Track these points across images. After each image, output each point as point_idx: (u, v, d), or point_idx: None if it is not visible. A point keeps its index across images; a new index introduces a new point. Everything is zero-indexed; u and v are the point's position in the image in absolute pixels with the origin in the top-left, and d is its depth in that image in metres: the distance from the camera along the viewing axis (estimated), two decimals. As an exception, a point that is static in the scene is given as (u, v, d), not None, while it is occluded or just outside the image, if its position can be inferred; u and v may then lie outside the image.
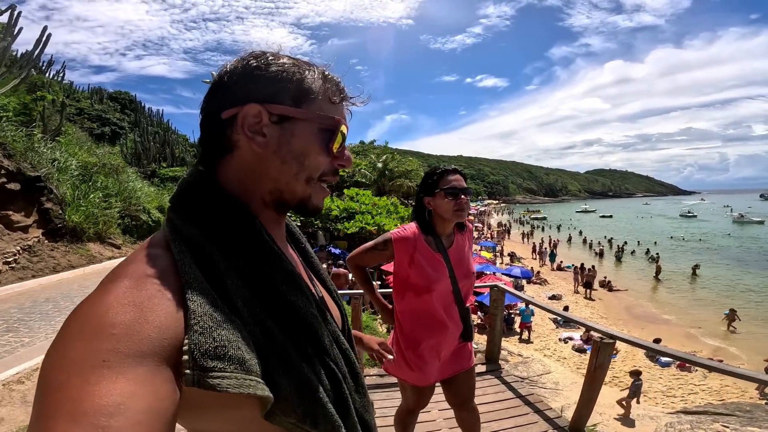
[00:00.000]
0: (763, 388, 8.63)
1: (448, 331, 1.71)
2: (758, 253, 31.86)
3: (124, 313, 0.39)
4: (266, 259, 0.54)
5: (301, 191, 0.58)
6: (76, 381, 0.34)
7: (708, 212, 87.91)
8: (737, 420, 6.23)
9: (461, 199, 1.63)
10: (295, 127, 0.55)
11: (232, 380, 0.41)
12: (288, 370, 0.50)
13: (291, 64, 0.56)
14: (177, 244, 0.49)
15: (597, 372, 2.61)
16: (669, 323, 15.00)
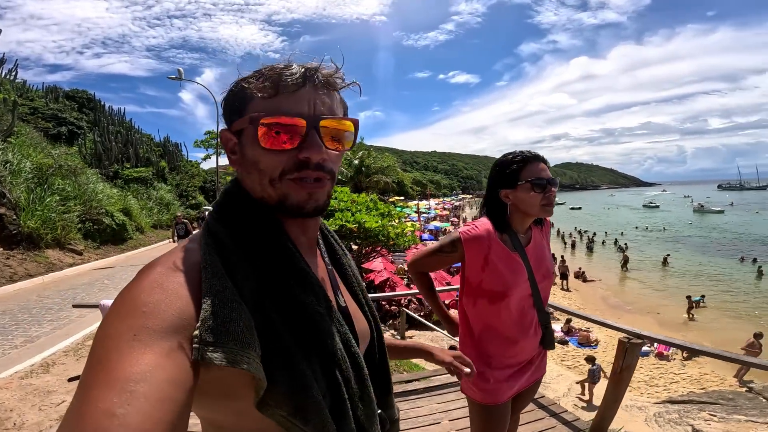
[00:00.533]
0: (742, 375, 8.93)
1: (527, 340, 1.49)
2: (720, 242, 33.59)
3: (153, 294, 0.45)
4: (279, 256, 0.57)
5: (273, 194, 0.58)
6: (113, 354, 0.39)
7: (669, 203, 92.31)
8: (722, 408, 6.35)
9: (551, 192, 1.40)
10: (244, 137, 0.58)
11: (229, 355, 0.44)
12: (284, 363, 0.51)
13: (237, 81, 0.58)
14: (205, 238, 0.55)
15: (624, 374, 2.45)
16: (642, 312, 15.46)
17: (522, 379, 1.54)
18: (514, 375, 1.51)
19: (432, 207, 51.36)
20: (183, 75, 13.72)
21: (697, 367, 9.83)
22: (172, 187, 26.35)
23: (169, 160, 28.87)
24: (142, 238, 17.02)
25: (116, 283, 9.34)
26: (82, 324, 6.17)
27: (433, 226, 33.96)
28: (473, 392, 1.51)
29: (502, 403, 1.49)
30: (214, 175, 32.03)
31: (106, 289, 8.72)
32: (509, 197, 1.43)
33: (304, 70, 0.56)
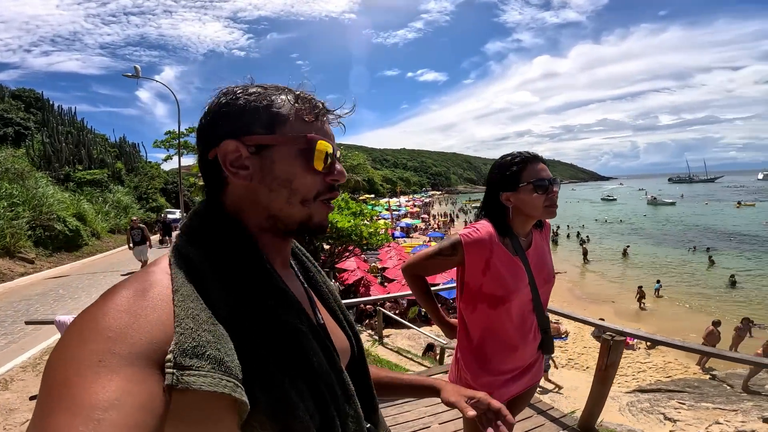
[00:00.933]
0: (704, 363, 9.47)
1: (526, 345, 1.45)
2: (673, 233, 35.70)
3: (119, 318, 0.42)
4: (257, 276, 0.55)
5: (298, 214, 0.58)
6: (75, 379, 0.37)
7: (626, 196, 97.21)
8: (689, 396, 6.71)
9: (554, 193, 1.36)
10: (273, 153, 0.57)
11: (208, 378, 0.42)
12: (267, 385, 0.50)
13: (258, 93, 0.58)
14: (175, 261, 0.52)
15: (609, 370, 2.48)
16: (607, 302, 16.16)
17: (518, 384, 1.50)
18: (511, 380, 1.47)
19: (402, 204, 51.67)
20: (140, 73, 12.98)
21: (661, 356, 10.35)
22: (130, 189, 25.01)
23: (126, 161, 27.39)
24: (98, 244, 16.06)
25: (72, 293, 8.73)
26: (39, 337, 5.76)
27: (405, 223, 34.17)
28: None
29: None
30: (176, 177, 30.76)
31: (61, 300, 8.14)
32: (510, 200, 1.39)
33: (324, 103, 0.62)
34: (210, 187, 0.61)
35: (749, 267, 21.26)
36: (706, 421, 5.33)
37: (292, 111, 0.58)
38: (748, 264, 22.12)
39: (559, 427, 2.61)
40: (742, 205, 57.37)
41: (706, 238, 30.85)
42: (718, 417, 5.37)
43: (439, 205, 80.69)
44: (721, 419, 5.19)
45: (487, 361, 1.44)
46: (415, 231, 33.90)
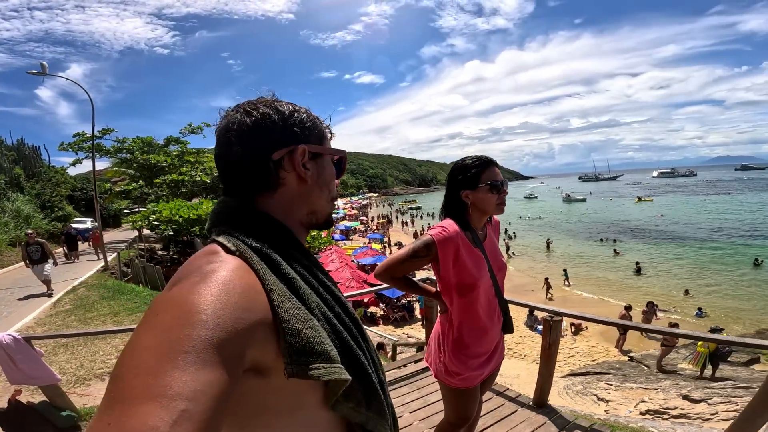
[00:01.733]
0: (621, 346, 10.70)
1: (493, 327, 1.67)
2: (585, 227, 39.68)
3: (214, 303, 0.44)
4: (316, 267, 0.66)
5: (329, 210, 0.73)
6: (166, 366, 0.37)
7: (545, 193, 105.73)
8: (614, 377, 7.58)
9: (504, 193, 1.59)
10: (324, 161, 0.70)
11: (322, 370, 0.50)
12: (351, 360, 0.59)
13: (303, 110, 0.69)
14: (249, 254, 0.55)
15: (552, 349, 2.81)
16: (529, 292, 17.49)
17: (490, 365, 1.73)
18: (485, 361, 1.69)
19: (340, 207, 51.46)
20: (47, 70, 11.54)
21: (585, 341, 11.52)
22: (31, 197, 22.08)
23: (26, 166, 24.15)
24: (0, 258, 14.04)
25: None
26: None
27: (343, 225, 34.10)
28: (451, 380, 1.66)
29: (474, 386, 1.68)
30: (86, 182, 27.65)
31: (-42, 327, 7.00)
32: (469, 197, 1.60)
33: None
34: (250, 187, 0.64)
35: (650, 256, 24.28)
36: (633, 400, 6.03)
37: (324, 130, 0.73)
38: (649, 253, 25.25)
39: (517, 405, 2.89)
40: (642, 200, 65.01)
41: (613, 231, 34.70)
42: (642, 396, 6.12)
43: (377, 206, 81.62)
44: (645, 398, 5.91)
45: (465, 347, 1.63)
46: (354, 233, 34.00)
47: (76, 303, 8.09)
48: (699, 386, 5.99)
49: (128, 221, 18.01)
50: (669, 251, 25.57)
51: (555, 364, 2.91)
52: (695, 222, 38.05)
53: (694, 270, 20.61)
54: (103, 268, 12.37)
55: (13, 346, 2.80)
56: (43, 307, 7.93)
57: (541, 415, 2.73)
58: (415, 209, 65.15)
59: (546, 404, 2.87)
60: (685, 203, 58.63)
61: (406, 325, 13.13)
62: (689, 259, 23.06)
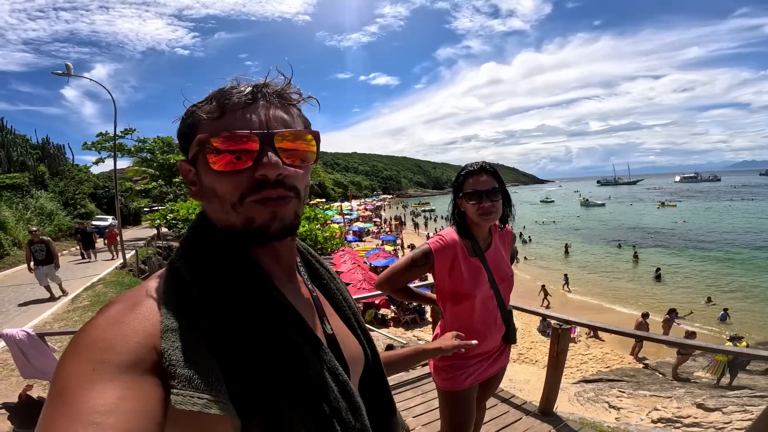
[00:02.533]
0: (636, 353, 10.44)
1: (491, 336, 1.64)
2: (601, 231, 38.86)
3: (109, 330, 0.44)
4: (248, 287, 0.54)
5: (237, 220, 0.54)
6: (74, 388, 0.39)
7: (562, 197, 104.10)
8: (628, 384, 7.40)
9: (484, 204, 1.51)
10: (198, 164, 0.56)
11: (179, 396, 0.42)
12: (260, 401, 0.49)
13: (194, 104, 0.56)
14: (166, 273, 0.54)
15: (560, 357, 2.75)
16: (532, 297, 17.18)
17: (485, 368, 1.70)
18: (479, 364, 1.67)
19: (354, 208, 51.66)
20: (72, 70, 11.90)
21: (599, 347, 11.27)
22: (55, 194, 22.83)
23: (51, 164, 24.92)
24: (21, 254, 14.51)
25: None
26: None
27: (357, 227, 34.20)
28: (442, 381, 1.66)
29: (466, 388, 1.64)
30: (108, 181, 28.45)
31: (-13, 316, 7.31)
32: (462, 205, 1.59)
33: (253, 86, 0.54)
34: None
35: (671, 262, 23.62)
36: (645, 408, 5.87)
37: (199, 115, 0.54)
38: (670, 259, 24.58)
39: (522, 413, 2.84)
40: (665, 205, 63.30)
41: (633, 237, 33.88)
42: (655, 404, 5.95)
43: (390, 208, 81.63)
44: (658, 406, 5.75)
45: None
46: (367, 235, 34.06)
47: (94, 299, 8.31)
48: (714, 395, 5.80)
49: (147, 219, 18.47)
50: (690, 258, 24.85)
51: (563, 372, 2.85)
52: (718, 228, 36.90)
53: (716, 277, 19.97)
54: (121, 265, 12.69)
55: (26, 341, 2.89)
56: (61, 302, 8.17)
57: (546, 424, 2.68)
58: (428, 211, 64.92)
59: (552, 412, 2.82)
60: (709, 209, 56.87)
61: (417, 328, 13.06)
62: (711, 266, 22.37)
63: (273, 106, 0.55)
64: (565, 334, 2.74)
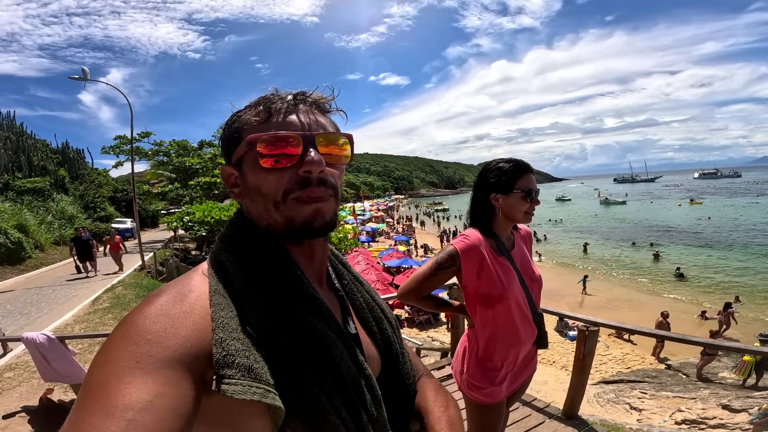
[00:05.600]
0: (658, 353, 10.16)
1: (525, 340, 1.54)
2: (621, 229, 38.00)
3: (158, 322, 0.45)
4: (286, 282, 0.56)
5: (278, 218, 0.57)
6: (113, 380, 0.39)
7: (579, 195, 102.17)
8: (650, 385, 7.19)
9: (537, 203, 1.50)
10: (244, 164, 0.59)
11: (238, 386, 0.44)
12: (300, 391, 0.51)
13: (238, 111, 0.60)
14: (210, 268, 0.56)
15: (586, 359, 2.66)
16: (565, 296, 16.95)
17: (517, 378, 1.61)
18: (512, 375, 1.57)
19: (367, 209, 51.76)
20: (88, 75, 12.15)
21: (619, 348, 11.00)
22: (75, 198, 23.41)
23: (70, 168, 25.62)
24: (42, 257, 14.95)
25: (21, 308, 8.10)
26: None
27: (370, 227, 34.23)
28: (475, 395, 1.54)
29: (499, 402, 1.54)
30: (126, 184, 29.04)
31: (10, 316, 7.53)
32: (499, 201, 1.49)
33: (295, 94, 0.60)
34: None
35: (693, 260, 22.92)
36: (669, 410, 5.70)
37: (245, 119, 0.58)
38: (693, 257, 23.87)
39: (545, 416, 2.75)
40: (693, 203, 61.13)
41: (654, 235, 33.00)
42: (679, 405, 5.77)
43: (403, 208, 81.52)
44: (682, 407, 5.57)
45: (489, 360, 1.52)
46: (380, 235, 34.04)
47: (114, 301, 8.45)
48: (740, 395, 5.60)
49: (165, 222, 18.78)
50: (714, 256, 24.13)
51: (588, 375, 2.75)
52: (742, 225, 35.75)
53: (742, 275, 19.33)
54: (140, 267, 12.91)
55: (47, 345, 2.92)
56: (82, 305, 8.34)
57: (570, 427, 2.58)
58: (441, 211, 64.56)
59: (577, 416, 2.72)
60: (731, 206, 55.15)
61: (431, 329, 12.98)
62: (737, 264, 21.66)
63: (312, 112, 0.60)
64: (592, 336, 2.64)
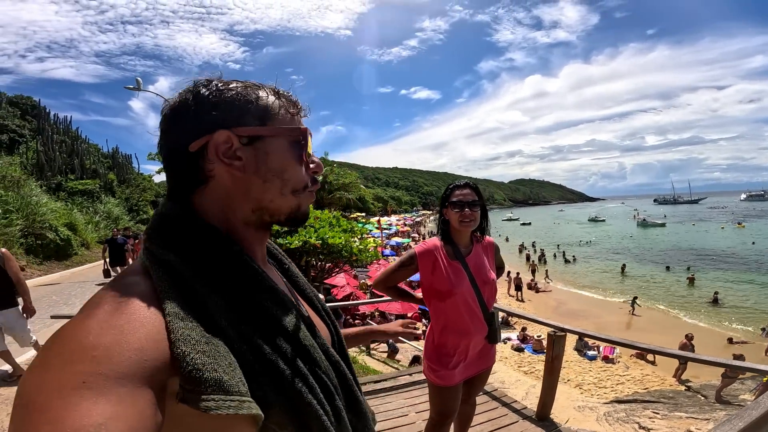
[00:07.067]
0: (680, 375, 9.83)
1: (474, 333, 1.84)
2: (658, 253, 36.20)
3: (104, 335, 0.40)
4: (247, 278, 0.55)
5: (288, 204, 0.59)
6: (56, 402, 0.34)
7: (615, 216, 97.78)
8: (664, 406, 7.01)
9: (465, 212, 1.79)
10: (266, 145, 0.57)
11: (211, 402, 0.41)
12: (280, 385, 0.51)
13: (243, 87, 0.58)
14: (155, 270, 0.50)
15: (555, 363, 2.84)
16: (588, 317, 16.50)
17: (471, 367, 1.93)
18: (465, 363, 1.89)
19: (393, 223, 52.06)
20: (141, 85, 13.23)
21: (639, 369, 10.68)
22: (121, 200, 25.12)
23: (119, 172, 27.54)
24: (87, 254, 16.12)
25: (66, 299, 8.88)
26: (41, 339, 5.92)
27: (395, 242, 34.42)
28: (432, 377, 1.88)
29: (453, 385, 1.86)
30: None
31: (56, 306, 8.28)
32: (447, 214, 1.87)
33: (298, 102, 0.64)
34: (180, 184, 0.57)
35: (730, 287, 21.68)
36: (678, 430, 5.58)
37: (279, 105, 0.59)
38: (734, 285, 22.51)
39: (518, 416, 2.93)
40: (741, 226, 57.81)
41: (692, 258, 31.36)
42: (690, 426, 5.62)
43: (429, 224, 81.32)
44: (692, 427, 5.45)
45: (442, 346, 1.87)
46: (405, 250, 34.17)
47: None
48: None
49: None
50: (755, 283, 22.65)
51: (558, 377, 2.92)
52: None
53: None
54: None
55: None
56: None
57: (540, 429, 2.76)
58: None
59: (548, 418, 2.88)
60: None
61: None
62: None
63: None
64: (559, 341, 2.83)
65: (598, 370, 10.56)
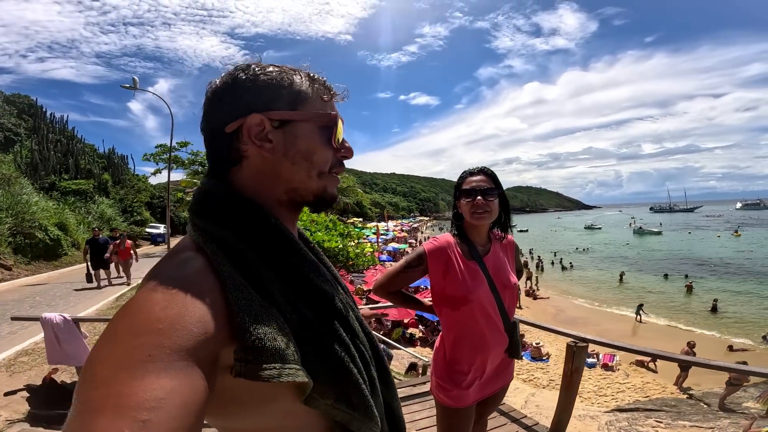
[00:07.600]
0: (681, 383, 9.62)
1: (493, 346, 1.55)
2: (653, 260, 36.23)
3: (169, 309, 0.42)
4: (291, 252, 0.57)
5: (315, 186, 0.61)
6: (123, 375, 0.36)
7: (611, 224, 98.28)
8: (667, 415, 6.80)
9: (477, 201, 1.51)
10: (296, 128, 0.59)
11: (273, 371, 0.44)
12: (324, 353, 0.54)
13: (278, 72, 0.60)
14: (209, 245, 0.52)
15: (574, 376, 2.60)
16: (587, 325, 16.28)
17: (488, 386, 1.61)
18: (481, 381, 1.57)
19: (390, 229, 51.84)
20: (138, 84, 13.06)
21: (639, 376, 10.47)
22: (115, 201, 24.78)
23: (114, 173, 27.24)
24: (78, 254, 15.77)
25: (49, 301, 8.60)
26: (14, 340, 5.76)
27: (391, 247, 34.21)
28: (441, 397, 1.56)
29: (466, 406, 1.55)
30: (163, 191, 30.54)
31: (38, 307, 8.02)
32: (460, 207, 1.58)
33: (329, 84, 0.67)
34: (219, 164, 0.60)
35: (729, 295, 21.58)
36: None
37: (311, 90, 0.61)
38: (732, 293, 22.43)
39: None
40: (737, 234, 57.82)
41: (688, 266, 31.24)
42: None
43: (427, 230, 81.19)
44: None
45: (456, 362, 1.54)
46: (402, 256, 33.97)
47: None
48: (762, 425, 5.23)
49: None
50: (753, 291, 22.56)
51: (576, 392, 2.68)
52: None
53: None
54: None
55: (62, 325, 3.11)
56: (106, 300, 8.78)
57: (555, 448, 2.53)
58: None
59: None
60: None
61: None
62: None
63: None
64: (579, 352, 2.59)
65: (597, 378, 10.34)
